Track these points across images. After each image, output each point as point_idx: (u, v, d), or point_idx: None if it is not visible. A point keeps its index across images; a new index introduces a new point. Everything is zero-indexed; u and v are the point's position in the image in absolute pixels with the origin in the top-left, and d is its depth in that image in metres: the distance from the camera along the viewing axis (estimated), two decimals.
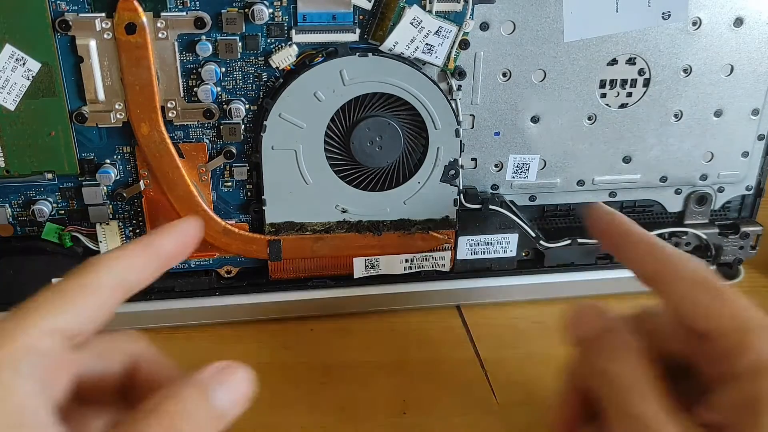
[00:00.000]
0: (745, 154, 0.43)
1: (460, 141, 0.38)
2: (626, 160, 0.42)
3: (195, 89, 0.36)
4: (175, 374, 0.27)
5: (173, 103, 0.36)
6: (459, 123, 0.38)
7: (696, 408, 0.24)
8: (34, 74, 0.34)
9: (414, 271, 0.43)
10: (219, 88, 0.36)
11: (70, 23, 0.33)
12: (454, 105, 0.38)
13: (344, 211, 0.39)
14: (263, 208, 0.39)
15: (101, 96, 0.35)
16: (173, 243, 0.28)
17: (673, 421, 0.23)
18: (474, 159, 0.41)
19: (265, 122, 0.36)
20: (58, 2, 0.33)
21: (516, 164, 0.41)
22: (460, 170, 0.39)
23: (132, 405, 0.28)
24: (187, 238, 0.29)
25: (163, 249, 0.28)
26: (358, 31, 0.36)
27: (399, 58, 0.36)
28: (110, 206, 0.39)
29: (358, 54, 0.36)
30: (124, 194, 0.38)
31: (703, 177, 0.44)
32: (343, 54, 0.36)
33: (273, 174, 0.38)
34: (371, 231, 0.40)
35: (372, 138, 0.37)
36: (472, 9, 0.36)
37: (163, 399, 0.22)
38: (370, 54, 0.36)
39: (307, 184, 0.38)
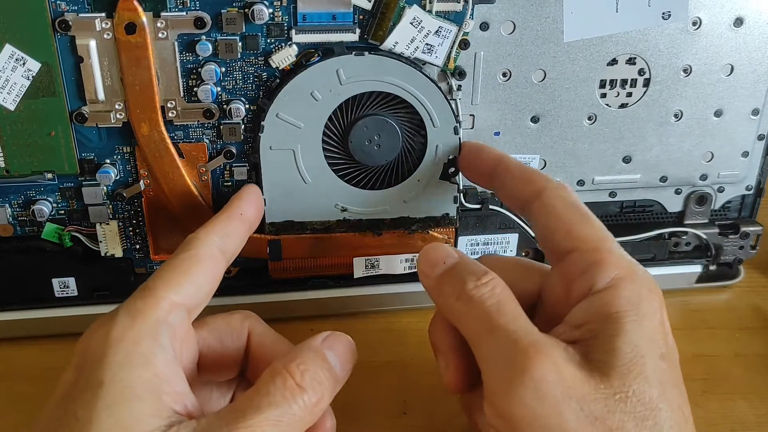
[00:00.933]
0: (745, 154, 0.43)
1: (459, 139, 0.38)
2: (626, 160, 0.42)
3: (195, 89, 0.36)
4: (286, 347, 0.30)
5: (173, 103, 0.36)
6: (458, 121, 0.38)
7: (553, 330, 0.27)
8: (34, 74, 0.34)
9: (414, 271, 0.43)
10: (219, 88, 0.36)
11: (70, 23, 0.33)
12: (453, 103, 0.38)
13: (344, 210, 0.39)
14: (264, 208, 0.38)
15: (101, 96, 0.35)
16: (253, 208, 0.33)
17: (537, 332, 0.25)
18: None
19: (262, 122, 0.36)
20: (58, 2, 0.33)
21: None
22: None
23: (247, 378, 0.31)
24: (259, 203, 0.35)
25: (246, 215, 0.32)
26: (358, 31, 0.36)
27: (396, 56, 0.36)
28: (110, 206, 0.39)
29: (354, 53, 0.35)
30: (124, 194, 0.38)
31: (703, 177, 0.44)
32: (339, 53, 0.35)
33: (272, 174, 0.38)
34: (371, 230, 0.40)
35: (370, 136, 0.37)
36: (472, 9, 0.36)
37: (287, 362, 0.25)
38: (366, 53, 0.36)
39: (306, 184, 0.38)
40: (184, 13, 0.34)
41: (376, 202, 0.39)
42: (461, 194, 0.40)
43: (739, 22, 0.39)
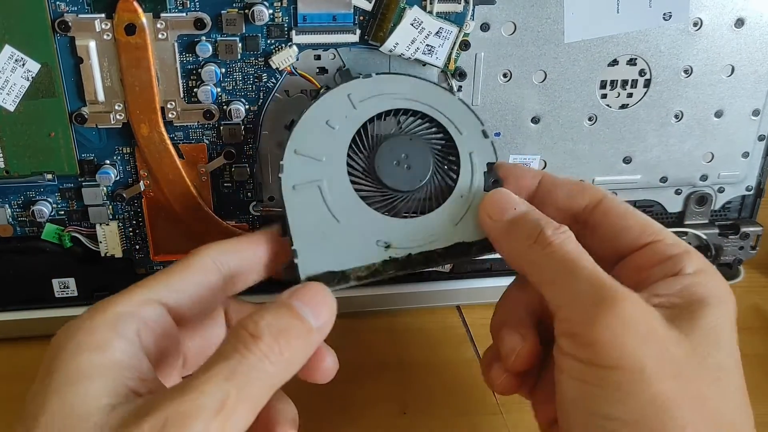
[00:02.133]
0: (746, 155, 0.43)
1: (491, 143, 0.34)
2: (626, 160, 0.42)
3: (195, 90, 0.36)
4: None
5: (173, 103, 0.36)
6: (482, 122, 0.35)
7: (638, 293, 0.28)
8: (33, 75, 0.34)
9: (414, 271, 0.43)
10: (219, 89, 0.36)
11: (70, 24, 0.33)
12: (468, 105, 0.35)
13: (388, 247, 0.33)
14: (294, 260, 0.32)
15: (101, 97, 0.35)
16: (267, 236, 0.31)
17: (618, 283, 0.26)
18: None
19: (281, 162, 0.33)
20: (58, 3, 0.33)
21: None
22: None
23: None
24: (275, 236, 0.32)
25: (265, 241, 0.31)
26: (358, 32, 0.36)
27: (401, 73, 0.35)
28: (110, 207, 0.39)
29: (362, 77, 0.34)
30: (124, 195, 0.38)
31: (704, 177, 0.44)
32: (346, 79, 0.34)
33: (299, 218, 0.32)
34: (425, 265, 0.34)
35: (397, 158, 0.34)
36: (473, 10, 0.36)
37: (244, 318, 0.24)
38: (373, 74, 0.34)
39: (339, 223, 0.33)
40: (184, 14, 0.34)
41: (422, 230, 0.34)
42: None
43: (740, 23, 0.39)
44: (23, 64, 0.34)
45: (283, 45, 0.36)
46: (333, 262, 0.33)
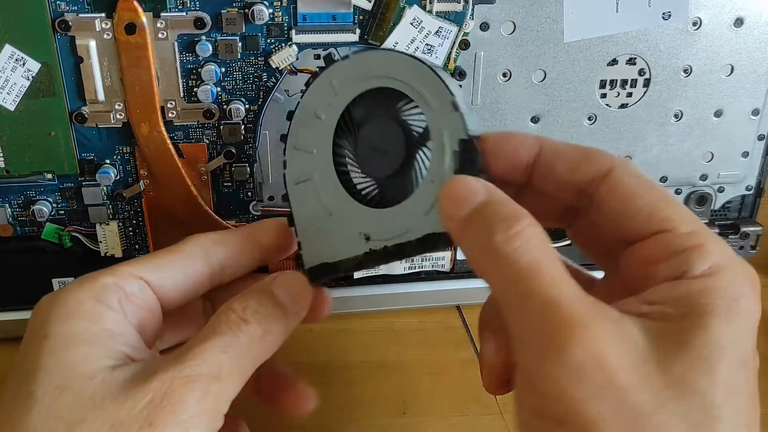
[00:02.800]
0: (745, 155, 0.43)
1: (461, 115, 0.28)
2: None
3: (195, 89, 0.36)
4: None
5: (173, 103, 0.36)
6: (452, 93, 0.29)
7: (620, 302, 0.23)
8: (33, 74, 0.34)
9: (414, 271, 0.43)
10: (219, 89, 0.36)
11: (70, 23, 0.33)
12: (440, 75, 0.30)
13: (368, 239, 0.32)
14: (300, 252, 0.32)
15: (101, 96, 0.35)
16: (270, 235, 0.31)
17: (582, 299, 0.21)
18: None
19: (284, 158, 0.32)
20: (58, 2, 0.33)
21: None
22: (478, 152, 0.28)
23: None
24: (287, 237, 0.32)
25: (257, 236, 0.31)
26: (358, 31, 0.36)
27: (377, 48, 0.35)
28: (110, 206, 0.39)
29: (340, 59, 0.31)
30: (124, 194, 0.38)
31: (703, 177, 0.44)
32: (329, 64, 0.32)
33: (302, 212, 0.33)
34: (401, 257, 0.32)
35: (375, 144, 0.32)
36: (473, 9, 0.36)
37: (231, 302, 0.26)
38: (350, 54, 0.31)
39: (330, 216, 0.33)
40: (184, 14, 0.34)
41: (397, 221, 0.32)
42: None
43: (739, 22, 0.39)
44: (23, 64, 0.34)
45: (283, 44, 0.36)
46: (327, 255, 0.32)
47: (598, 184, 0.25)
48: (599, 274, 0.28)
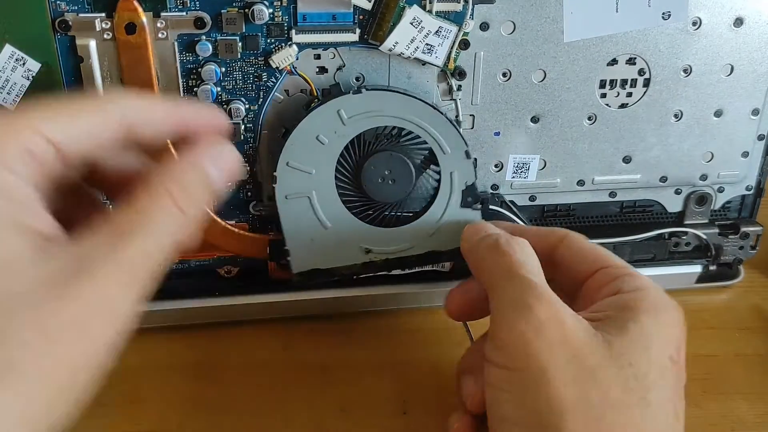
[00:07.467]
0: (745, 154, 0.43)
1: (473, 162, 0.38)
2: (626, 160, 0.42)
3: (195, 89, 0.36)
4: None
5: None
6: (466, 143, 0.37)
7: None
8: (34, 74, 0.34)
9: (414, 271, 0.43)
10: (219, 89, 0.36)
11: (70, 23, 0.33)
12: (459, 128, 0.37)
13: (369, 252, 0.38)
14: (288, 258, 0.38)
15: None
16: (194, 113, 0.27)
17: (553, 293, 0.28)
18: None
19: (275, 173, 0.36)
20: (58, 2, 0.33)
21: (516, 164, 0.41)
22: (480, 195, 0.39)
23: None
24: (212, 120, 0.28)
25: (181, 111, 0.27)
26: (358, 31, 0.36)
27: (393, 89, 0.36)
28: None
29: (352, 92, 0.35)
30: None
31: (703, 177, 0.44)
32: (336, 94, 0.35)
33: (292, 223, 0.37)
34: (400, 268, 0.39)
35: (382, 173, 0.37)
36: (472, 9, 0.36)
37: (167, 182, 0.23)
38: (363, 90, 0.35)
39: (326, 229, 0.37)
40: (184, 13, 0.34)
41: (399, 239, 0.39)
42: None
43: (739, 22, 0.39)
44: (24, 64, 0.34)
45: (283, 44, 0.36)
46: (320, 262, 0.38)
47: (557, 246, 0.34)
48: None
